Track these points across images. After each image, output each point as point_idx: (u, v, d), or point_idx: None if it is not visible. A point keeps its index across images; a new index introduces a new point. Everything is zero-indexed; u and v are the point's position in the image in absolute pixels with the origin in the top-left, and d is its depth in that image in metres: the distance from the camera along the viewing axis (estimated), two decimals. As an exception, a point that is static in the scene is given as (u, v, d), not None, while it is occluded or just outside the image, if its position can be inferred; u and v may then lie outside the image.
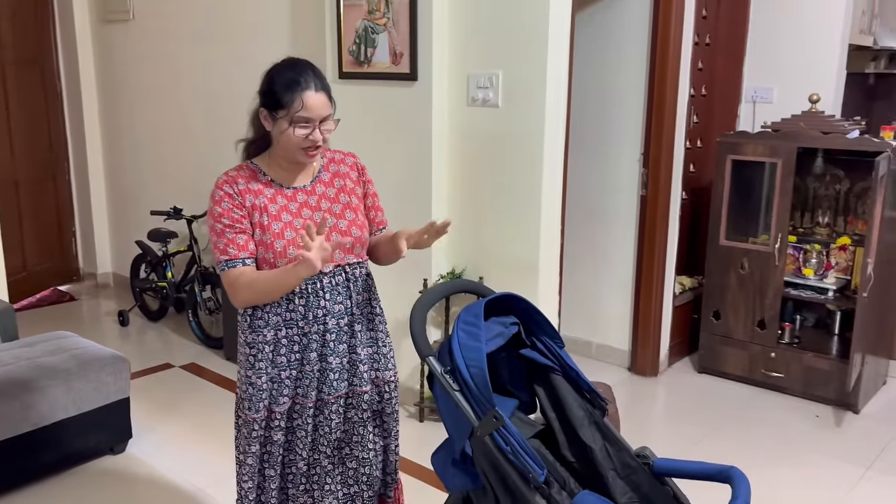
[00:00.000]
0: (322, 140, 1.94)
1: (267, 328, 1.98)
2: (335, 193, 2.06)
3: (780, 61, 4.33)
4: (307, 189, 2.03)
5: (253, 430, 2.02)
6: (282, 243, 1.94)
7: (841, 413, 3.74)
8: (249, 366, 2.00)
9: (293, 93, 1.90)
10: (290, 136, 1.91)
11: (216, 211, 1.95)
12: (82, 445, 3.09)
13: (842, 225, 4.19)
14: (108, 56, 5.42)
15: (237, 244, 1.92)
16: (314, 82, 1.92)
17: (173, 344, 4.66)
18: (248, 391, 2.00)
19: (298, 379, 2.01)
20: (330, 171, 2.09)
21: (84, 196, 5.77)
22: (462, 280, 1.99)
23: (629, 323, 4.25)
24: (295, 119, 1.90)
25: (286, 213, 1.97)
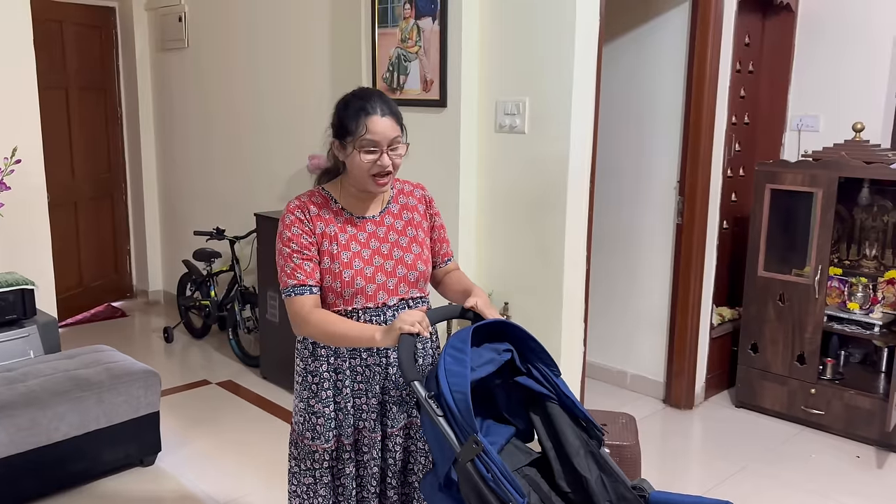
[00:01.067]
0: (391, 165, 1.93)
1: (331, 357, 1.98)
2: (403, 226, 2.05)
3: (826, 89, 4.22)
4: (376, 220, 2.02)
5: (324, 461, 2.00)
6: (350, 273, 1.94)
7: (884, 454, 3.57)
8: (312, 394, 1.99)
9: (358, 119, 1.90)
10: (359, 162, 1.90)
11: (285, 235, 1.95)
12: (112, 457, 3.19)
13: (890, 258, 4.04)
14: (165, 83, 5.67)
15: (305, 270, 1.92)
16: (380, 107, 1.91)
17: (213, 361, 4.78)
18: (312, 420, 1.99)
19: (362, 411, 1.99)
20: (399, 203, 2.08)
21: (139, 216, 6.00)
22: (454, 306, 1.99)
23: (664, 354, 4.16)
24: (362, 144, 1.89)
25: (355, 243, 1.97)
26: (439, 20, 3.34)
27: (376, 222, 2.02)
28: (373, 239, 2.00)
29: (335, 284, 1.93)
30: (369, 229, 2.00)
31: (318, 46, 4.33)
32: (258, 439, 3.68)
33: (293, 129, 4.59)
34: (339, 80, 4.21)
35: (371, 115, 1.90)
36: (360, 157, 1.90)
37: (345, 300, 1.95)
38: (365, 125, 1.89)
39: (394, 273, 1.99)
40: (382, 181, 1.94)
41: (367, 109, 1.90)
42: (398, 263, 2.00)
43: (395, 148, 1.94)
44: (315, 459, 2.01)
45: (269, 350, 4.36)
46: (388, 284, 1.98)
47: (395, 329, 1.78)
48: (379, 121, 1.90)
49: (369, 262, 1.97)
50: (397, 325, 1.78)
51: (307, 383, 2.01)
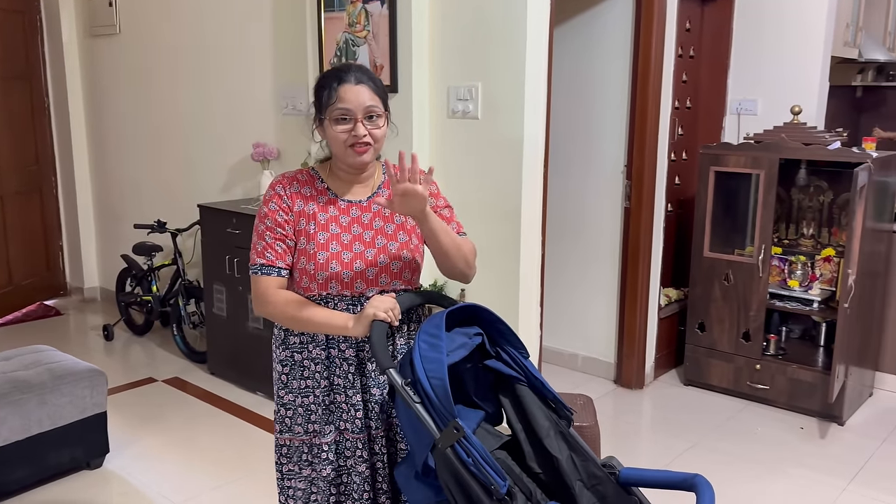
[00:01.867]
0: (370, 136, 1.81)
1: (309, 345, 1.90)
2: (391, 213, 1.93)
3: (764, 74, 4.34)
4: (362, 205, 1.91)
5: (296, 455, 1.93)
6: (325, 255, 1.84)
7: (825, 425, 3.72)
8: (282, 385, 1.93)
9: (329, 89, 1.81)
10: (333, 134, 1.82)
11: (262, 211, 1.87)
12: (57, 461, 3.06)
13: (826, 236, 4.19)
14: (96, 70, 5.44)
15: (275, 251, 1.84)
16: (354, 76, 1.81)
17: (158, 358, 4.63)
18: (281, 412, 1.94)
19: (342, 410, 1.89)
20: (390, 188, 1.91)
21: (71, 210, 5.76)
22: (426, 291, 1.96)
23: (615, 335, 4.23)
24: (333, 114, 1.80)
25: (335, 225, 1.87)
26: (388, 4, 3.29)
27: (362, 207, 1.91)
28: (356, 224, 1.89)
29: (308, 266, 1.84)
30: (353, 214, 1.90)
31: (260, 31, 4.22)
32: (207, 436, 3.59)
33: (236, 116, 4.47)
34: (284, 65, 4.11)
35: (343, 83, 1.80)
36: (333, 129, 1.81)
37: (319, 284, 1.85)
38: (336, 93, 1.80)
39: (374, 262, 1.88)
40: (361, 149, 1.82)
41: (339, 78, 1.81)
42: (381, 252, 1.89)
43: (373, 118, 1.82)
44: (283, 454, 1.95)
45: (217, 345, 4.25)
46: (368, 273, 1.87)
47: (366, 316, 1.74)
48: (351, 88, 1.80)
49: (348, 248, 1.86)
50: (369, 312, 1.73)
51: (277, 373, 1.95)
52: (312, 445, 1.92)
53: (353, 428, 1.89)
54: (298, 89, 3.98)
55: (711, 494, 1.59)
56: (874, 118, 5.66)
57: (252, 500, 2.97)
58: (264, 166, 4.18)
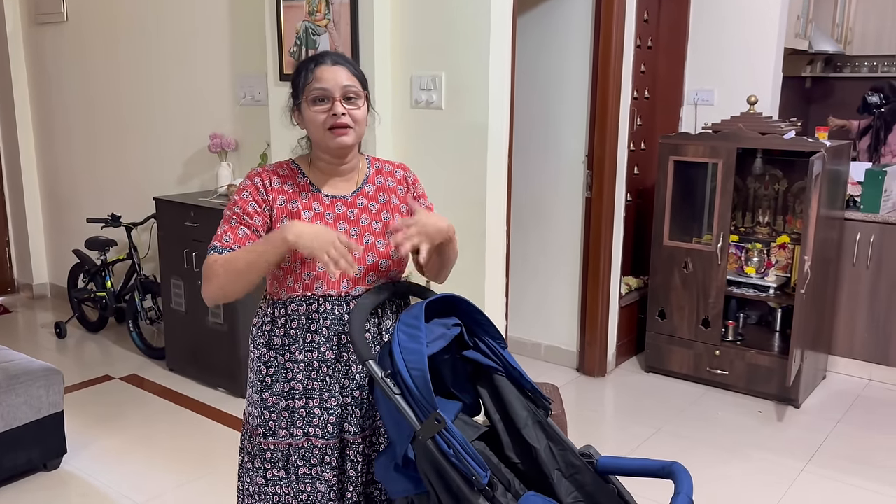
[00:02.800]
0: (349, 117, 1.74)
1: (283, 349, 1.81)
2: (378, 209, 1.87)
3: (721, 64, 4.41)
4: (347, 200, 1.84)
5: (279, 461, 1.82)
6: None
7: (782, 408, 3.82)
8: (266, 387, 1.82)
9: (306, 71, 1.76)
10: (311, 117, 1.75)
11: (233, 198, 1.80)
12: (12, 462, 2.95)
13: (781, 224, 4.29)
14: (41, 59, 5.25)
15: (236, 235, 1.75)
16: (331, 58, 1.76)
17: (113, 355, 4.51)
18: (265, 416, 1.83)
19: (314, 415, 1.80)
20: (375, 184, 1.90)
21: (18, 204, 5.56)
22: (400, 283, 1.94)
23: (577, 324, 4.27)
24: (310, 95, 1.74)
25: (320, 222, 1.79)
26: (350, -8, 3.24)
27: (347, 203, 1.84)
28: (341, 221, 1.82)
29: (294, 266, 1.77)
30: (338, 210, 1.83)
31: (217, 19, 4.12)
32: (168, 434, 3.51)
33: (192, 107, 4.36)
34: (241, 54, 4.03)
35: (320, 65, 1.76)
36: (310, 110, 1.75)
37: (304, 284, 1.78)
38: (312, 74, 1.75)
39: (363, 260, 1.81)
40: (341, 131, 1.74)
41: (315, 60, 1.77)
42: (368, 250, 1.83)
43: (352, 98, 1.75)
44: (267, 459, 1.85)
45: (176, 340, 4.15)
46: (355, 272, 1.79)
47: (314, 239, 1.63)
48: (328, 68, 1.75)
49: None
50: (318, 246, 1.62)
51: (261, 374, 1.84)
52: (297, 448, 1.83)
53: (324, 434, 1.81)
54: (257, 79, 3.90)
55: (689, 481, 1.61)
56: (823, 108, 5.83)
57: (216, 497, 2.92)
58: (222, 158, 4.09)
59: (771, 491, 3.06)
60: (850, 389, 4.06)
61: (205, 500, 2.93)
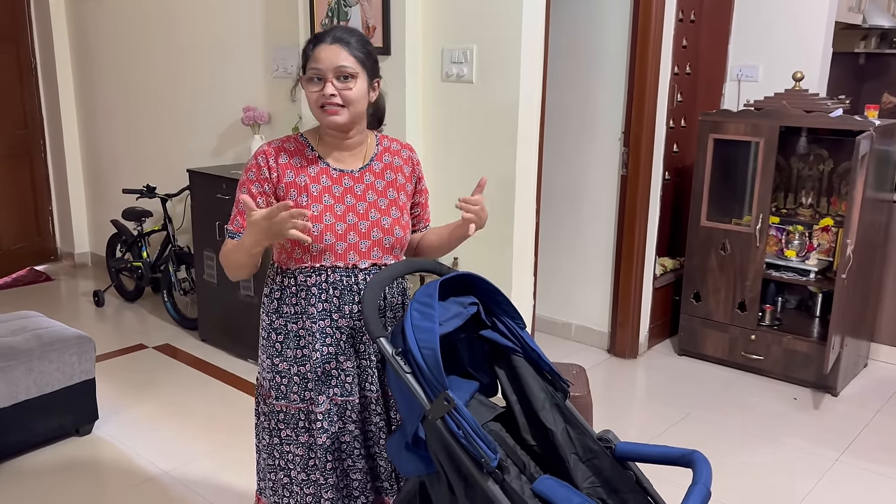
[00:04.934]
0: (339, 97, 1.75)
1: (294, 318, 1.85)
2: (384, 187, 1.90)
3: (766, 39, 4.25)
4: (354, 175, 1.87)
5: (290, 423, 1.88)
6: (319, 227, 1.79)
7: (819, 396, 3.71)
8: (276, 352, 1.88)
9: (307, 49, 1.79)
10: (306, 95, 1.79)
11: (241, 178, 1.86)
12: (45, 427, 3.02)
13: (825, 206, 4.14)
14: (83, 32, 5.31)
15: (243, 219, 1.81)
16: (332, 36, 1.77)
17: (148, 325, 4.59)
18: (276, 380, 1.88)
19: (332, 377, 1.86)
20: (383, 162, 1.93)
21: (61, 174, 5.67)
22: (418, 260, 1.91)
23: (609, 304, 4.20)
24: (307, 75, 1.78)
25: (328, 196, 1.83)
26: (382, -37, 3.18)
27: (354, 178, 1.87)
28: (348, 195, 1.85)
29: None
30: (346, 184, 1.86)
31: (250, -9, 4.11)
32: (198, 403, 3.56)
33: (226, 79, 4.37)
34: (274, 27, 4.01)
35: (319, 44, 1.77)
36: (307, 90, 1.79)
37: (312, 256, 1.82)
38: (311, 53, 1.77)
39: (368, 235, 1.85)
40: (332, 110, 1.77)
41: (318, 38, 1.78)
42: (374, 225, 1.86)
43: (345, 79, 1.77)
44: (280, 420, 1.90)
45: (208, 312, 4.20)
46: (361, 246, 1.85)
47: (265, 231, 1.66)
48: (325, 48, 1.76)
49: (341, 219, 1.83)
50: (277, 231, 1.64)
51: (271, 341, 1.89)
52: (309, 413, 1.88)
53: (343, 392, 1.87)
54: (289, 52, 3.88)
55: (709, 471, 1.56)
56: (877, 86, 5.58)
57: (242, 467, 2.95)
58: (255, 130, 4.09)
59: (802, 480, 2.98)
60: (892, 378, 3.93)
61: (231, 469, 2.97)
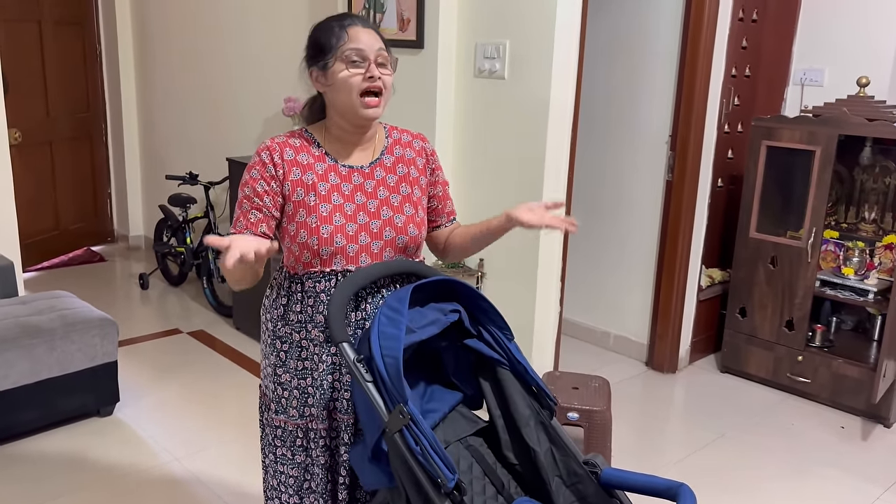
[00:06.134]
0: (381, 81, 1.67)
1: (300, 325, 1.74)
2: (396, 182, 1.78)
3: (834, 41, 3.97)
4: (364, 171, 1.76)
5: (290, 438, 1.78)
6: (328, 229, 1.68)
7: (869, 426, 3.45)
8: (280, 362, 1.77)
9: (339, 30, 1.67)
10: (344, 78, 1.65)
11: (245, 177, 1.73)
12: (66, 406, 3.08)
13: (890, 222, 3.85)
14: (145, 18, 5.43)
15: (247, 220, 1.70)
16: (360, 21, 1.72)
17: (189, 310, 4.66)
18: (278, 391, 1.78)
19: (335, 389, 1.74)
20: (394, 155, 1.81)
21: (119, 158, 5.82)
22: (401, 260, 1.81)
23: (649, 315, 4.02)
24: (345, 55, 1.65)
25: (337, 195, 1.71)
26: (417, -47, 3.11)
27: (365, 174, 1.76)
28: (359, 193, 1.74)
29: (311, 241, 1.68)
30: (356, 181, 1.74)
31: (295, -18, 4.10)
32: (224, 392, 3.57)
33: (267, 69, 4.38)
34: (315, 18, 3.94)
35: (352, 25, 1.69)
36: (346, 72, 1.65)
37: (322, 260, 1.70)
38: (346, 34, 1.67)
39: (380, 235, 1.73)
40: (373, 101, 1.67)
41: (345, 21, 1.70)
42: (386, 224, 1.74)
43: (384, 65, 1.69)
44: (278, 436, 1.80)
45: (242, 301, 4.23)
46: (373, 247, 1.73)
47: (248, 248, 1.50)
48: (361, 30, 1.68)
49: (352, 219, 1.71)
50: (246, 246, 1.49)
51: (275, 349, 1.79)
52: (308, 430, 1.77)
53: (341, 408, 1.75)
54: (330, 43, 3.85)
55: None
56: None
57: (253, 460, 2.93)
58: (295, 121, 4.08)
59: (837, 517, 2.77)
60: (954, 412, 3.62)
61: (242, 459, 2.96)
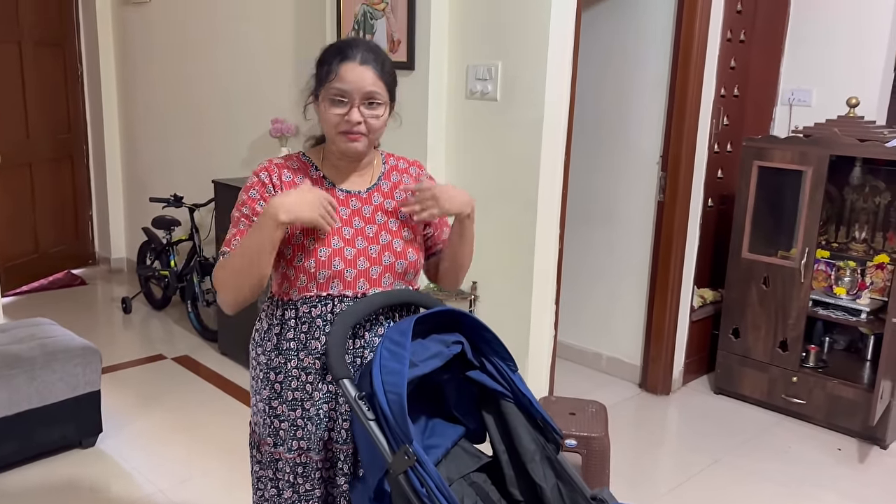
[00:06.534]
0: (363, 124, 1.62)
1: (301, 353, 1.69)
2: (394, 207, 1.75)
3: (822, 62, 3.99)
4: (362, 196, 1.73)
5: (289, 472, 1.71)
6: (326, 252, 1.64)
7: (866, 448, 3.42)
8: (275, 394, 1.70)
9: (331, 63, 1.62)
10: (325, 115, 1.63)
11: (241, 197, 1.69)
12: (47, 438, 2.97)
13: (881, 241, 3.85)
14: (128, 39, 5.36)
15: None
16: (361, 55, 1.61)
17: (172, 334, 4.56)
18: (275, 425, 1.71)
19: (331, 419, 1.68)
20: (391, 181, 1.78)
21: (101, 179, 5.72)
22: (401, 290, 1.76)
23: (642, 336, 3.98)
24: (329, 92, 1.61)
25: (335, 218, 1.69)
26: (408, -25, 3.08)
27: (362, 199, 1.73)
28: (357, 217, 1.71)
29: (308, 264, 1.64)
30: (353, 205, 1.72)
31: (281, 3, 4.05)
32: (209, 419, 3.48)
33: (255, 91, 4.33)
34: (303, 39, 3.95)
35: (346, 61, 1.60)
36: (326, 110, 1.63)
37: (319, 284, 1.65)
38: (336, 71, 1.60)
39: (379, 260, 1.69)
40: (354, 138, 1.63)
41: (344, 54, 1.61)
42: (385, 249, 1.71)
43: (373, 105, 1.63)
44: (279, 469, 1.72)
45: (228, 325, 4.14)
46: (371, 273, 1.68)
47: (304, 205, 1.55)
48: (354, 67, 1.60)
49: (351, 243, 1.67)
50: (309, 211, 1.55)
51: (269, 381, 1.72)
52: (304, 462, 1.71)
53: (339, 438, 1.69)
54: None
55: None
56: (944, 114, 5.22)
57: (239, 490, 2.84)
58: (282, 143, 4.03)
59: (839, 543, 2.73)
60: (949, 432, 3.61)
61: (227, 488, 2.87)
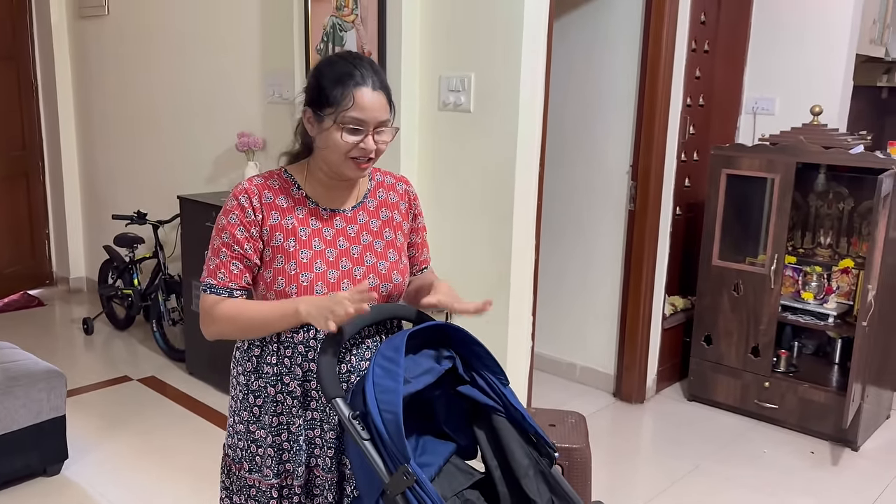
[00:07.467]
0: (375, 152, 1.59)
1: (275, 377, 1.65)
2: (379, 227, 1.72)
3: (783, 71, 4.07)
4: (347, 215, 1.69)
5: (264, 499, 1.67)
6: (309, 277, 1.60)
7: (838, 450, 3.47)
8: (254, 418, 1.66)
9: (345, 87, 1.54)
10: (337, 142, 1.55)
11: (220, 223, 1.62)
12: (9, 467, 2.85)
13: (845, 246, 3.93)
14: (84, 53, 5.23)
15: (230, 271, 1.60)
16: (372, 79, 1.56)
17: (137, 355, 4.43)
18: (251, 449, 1.67)
19: (315, 446, 1.66)
20: (377, 199, 1.74)
21: (58, 197, 5.57)
22: (393, 305, 1.72)
23: (615, 345, 3.99)
24: (345, 120, 1.54)
25: (318, 241, 1.64)
26: (378, -14, 3.05)
27: (347, 218, 1.69)
28: (341, 237, 1.66)
29: (290, 289, 1.60)
30: (337, 225, 1.67)
31: (247, 15, 3.99)
32: (177, 441, 3.38)
33: (220, 104, 4.25)
34: (270, 52, 3.89)
35: (362, 87, 1.54)
36: (339, 136, 1.55)
37: None
38: (353, 97, 1.53)
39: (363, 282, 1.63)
40: (363, 164, 1.59)
41: (357, 78, 1.55)
42: (370, 271, 1.67)
43: (382, 132, 1.59)
44: (251, 496, 1.67)
45: (196, 344, 4.04)
46: None
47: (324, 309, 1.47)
48: (370, 94, 1.55)
49: (334, 266, 1.63)
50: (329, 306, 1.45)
51: (248, 404, 1.67)
52: (283, 487, 1.67)
53: (324, 465, 1.65)
54: (284, 76, 3.74)
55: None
56: (899, 121, 5.38)
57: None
58: (249, 157, 3.96)
59: (819, 546, 2.75)
60: (916, 432, 3.69)
61: (202, 518, 2.78)
